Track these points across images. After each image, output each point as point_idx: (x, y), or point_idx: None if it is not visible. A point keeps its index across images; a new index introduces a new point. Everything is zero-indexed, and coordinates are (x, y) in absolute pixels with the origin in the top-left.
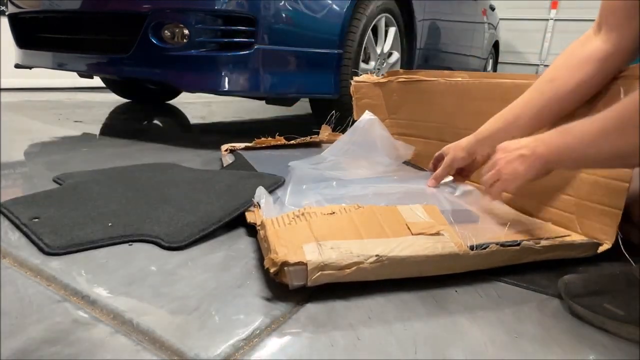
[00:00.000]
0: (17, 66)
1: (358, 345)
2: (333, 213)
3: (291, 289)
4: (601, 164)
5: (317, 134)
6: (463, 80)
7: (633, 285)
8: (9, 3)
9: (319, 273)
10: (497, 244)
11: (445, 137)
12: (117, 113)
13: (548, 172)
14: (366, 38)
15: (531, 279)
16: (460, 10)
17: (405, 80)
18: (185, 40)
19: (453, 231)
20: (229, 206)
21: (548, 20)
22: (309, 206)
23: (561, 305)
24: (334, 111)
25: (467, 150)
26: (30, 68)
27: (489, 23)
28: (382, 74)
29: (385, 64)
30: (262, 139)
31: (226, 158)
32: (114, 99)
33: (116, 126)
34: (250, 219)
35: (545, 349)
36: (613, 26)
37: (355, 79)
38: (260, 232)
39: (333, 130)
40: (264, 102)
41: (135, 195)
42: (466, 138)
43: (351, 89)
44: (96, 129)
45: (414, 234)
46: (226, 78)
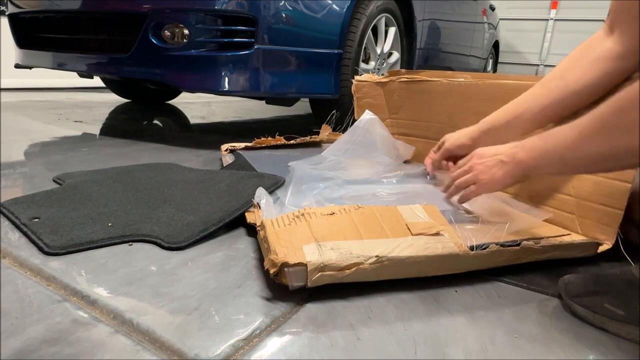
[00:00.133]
0: (17, 66)
1: (358, 345)
2: (333, 213)
3: (291, 290)
4: (580, 169)
5: (317, 134)
6: (465, 80)
7: (633, 285)
8: (9, 3)
9: (319, 274)
10: (497, 244)
11: None
12: (117, 113)
13: (526, 178)
14: (366, 38)
15: (531, 279)
16: (460, 10)
17: (406, 80)
18: (185, 40)
19: (453, 231)
20: (229, 206)
21: (548, 20)
22: (309, 206)
23: (561, 305)
24: (334, 111)
25: (470, 137)
26: (30, 68)
27: (489, 23)
28: (382, 74)
29: (385, 64)
30: (262, 139)
31: (226, 158)
32: (114, 99)
33: (116, 126)
34: (250, 220)
35: (545, 349)
36: (625, 28)
37: (356, 78)
38: (260, 233)
39: (333, 130)
40: (264, 102)
41: (135, 195)
42: (469, 128)
43: (352, 88)
44: (96, 129)
45: (414, 234)
46: (226, 78)
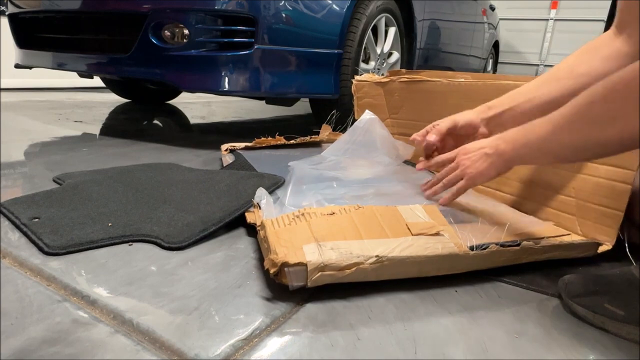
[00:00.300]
0: (17, 66)
1: (358, 345)
2: (333, 213)
3: (291, 290)
4: (558, 158)
5: (317, 134)
6: (465, 81)
7: (633, 285)
8: (9, 3)
9: (319, 274)
10: (497, 244)
11: None
12: (117, 113)
13: (509, 168)
14: (366, 38)
15: (531, 279)
16: (460, 10)
17: (407, 80)
18: (185, 40)
19: (453, 231)
20: (229, 206)
21: (548, 20)
22: (309, 206)
23: (561, 305)
24: (334, 111)
25: (478, 116)
26: (30, 68)
27: (489, 23)
28: (383, 74)
29: (385, 64)
30: (262, 139)
31: (226, 158)
32: (114, 99)
33: (116, 126)
34: (250, 220)
35: (545, 349)
36: (633, 29)
37: (356, 78)
38: (260, 233)
39: (333, 130)
40: (264, 102)
41: (135, 195)
42: (474, 109)
43: (352, 88)
44: (96, 129)
45: (414, 235)
46: (226, 78)
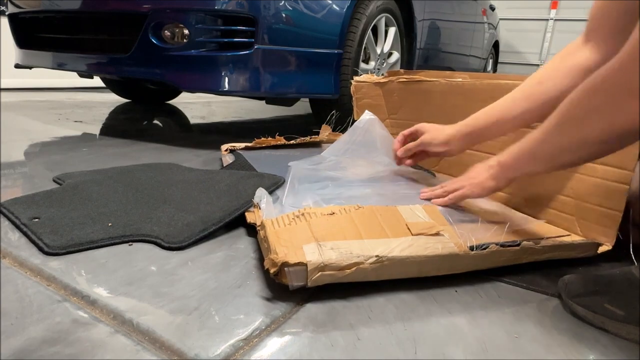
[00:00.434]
0: (17, 66)
1: (358, 345)
2: (333, 213)
3: (291, 290)
4: (551, 165)
5: (317, 134)
6: (464, 81)
7: (633, 285)
8: (9, 3)
9: (319, 273)
10: (497, 244)
11: None
12: (117, 113)
13: (508, 180)
14: (366, 38)
15: (531, 279)
16: (460, 10)
17: (405, 80)
18: (185, 40)
19: (453, 231)
20: (229, 206)
21: (548, 20)
22: (309, 206)
23: (561, 305)
24: (334, 111)
25: (450, 135)
26: (30, 68)
27: (489, 23)
28: (382, 74)
29: (385, 64)
30: (262, 139)
31: (226, 158)
32: (114, 99)
33: (116, 126)
34: (250, 219)
35: (545, 349)
36: (601, 38)
37: (355, 79)
38: (260, 233)
39: (333, 130)
40: (264, 102)
41: (135, 195)
42: (448, 127)
43: (351, 89)
44: (96, 129)
45: (414, 235)
46: (226, 78)
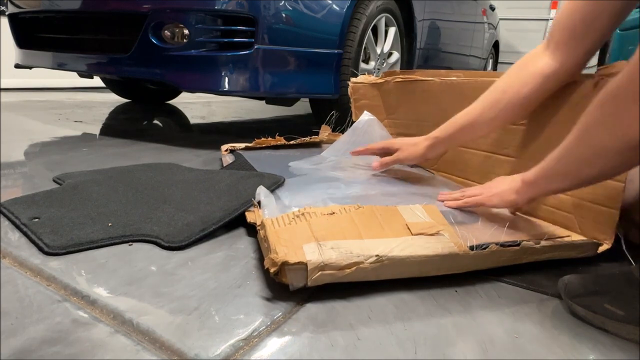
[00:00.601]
0: (17, 66)
1: (358, 345)
2: (333, 213)
3: (291, 289)
4: (571, 178)
5: (317, 134)
6: (458, 79)
7: (633, 285)
8: (9, 3)
9: (319, 273)
10: (497, 244)
11: None
12: (117, 113)
13: (529, 198)
14: (366, 38)
15: (531, 279)
16: (460, 10)
17: (401, 80)
18: (185, 40)
19: (453, 231)
20: (229, 206)
21: (548, 20)
22: (309, 206)
23: (561, 305)
24: (334, 111)
25: (424, 155)
26: (30, 68)
27: (489, 23)
28: (381, 75)
29: (385, 64)
30: (262, 139)
31: (226, 158)
32: (114, 99)
33: (116, 126)
34: (250, 219)
35: (545, 349)
36: (560, 45)
37: (352, 80)
38: (260, 232)
39: (333, 130)
40: (264, 102)
41: (135, 195)
42: (420, 138)
43: (349, 90)
44: (96, 129)
45: (414, 234)
46: (226, 78)
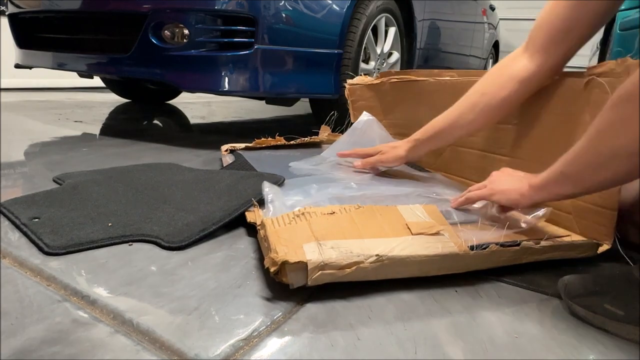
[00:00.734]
0: (17, 66)
1: (358, 345)
2: (333, 213)
3: (291, 289)
4: (580, 182)
5: (317, 134)
6: (452, 78)
7: (633, 285)
8: (9, 3)
9: (319, 272)
10: (497, 244)
11: None
12: (117, 113)
13: (533, 201)
14: (366, 38)
15: (531, 279)
16: (460, 10)
17: (396, 81)
18: (185, 40)
19: (453, 231)
20: (229, 206)
21: None
22: (309, 206)
23: (561, 305)
24: (334, 111)
25: (406, 157)
26: (30, 68)
27: (489, 23)
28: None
29: (385, 64)
30: (262, 139)
31: (226, 158)
32: (114, 99)
33: (116, 126)
34: (250, 219)
35: (545, 349)
36: (538, 48)
37: (349, 82)
38: (260, 232)
39: (333, 130)
40: (264, 102)
41: (135, 195)
42: (403, 145)
43: (346, 92)
44: (96, 129)
45: (414, 234)
46: (226, 78)
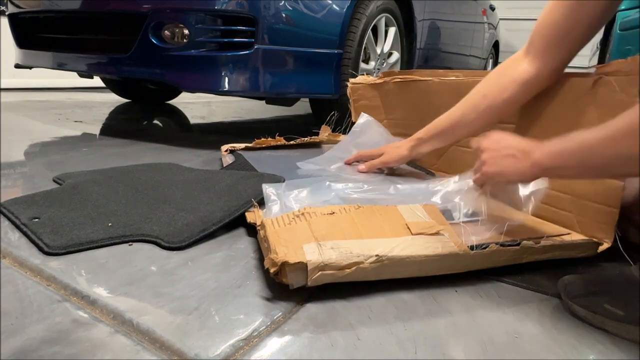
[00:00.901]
0: (17, 66)
1: (358, 345)
2: (333, 213)
3: (291, 289)
4: (595, 172)
5: (317, 134)
6: (457, 79)
7: (633, 285)
8: (9, 3)
9: (319, 273)
10: (497, 244)
11: None
12: (117, 113)
13: (534, 177)
14: (366, 38)
15: (531, 279)
16: (460, 10)
17: (400, 80)
18: (185, 40)
19: (453, 231)
20: (230, 206)
21: None
22: (309, 206)
23: (561, 305)
24: (334, 111)
25: (409, 156)
26: (30, 68)
27: (489, 23)
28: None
29: (385, 64)
30: (262, 139)
31: (226, 158)
32: (114, 99)
33: (116, 126)
34: (250, 219)
35: (545, 349)
36: (538, 52)
37: (351, 81)
38: (260, 232)
39: (333, 130)
40: (264, 102)
41: (135, 195)
42: (404, 142)
43: (348, 91)
44: (96, 129)
45: (414, 234)
46: (226, 78)
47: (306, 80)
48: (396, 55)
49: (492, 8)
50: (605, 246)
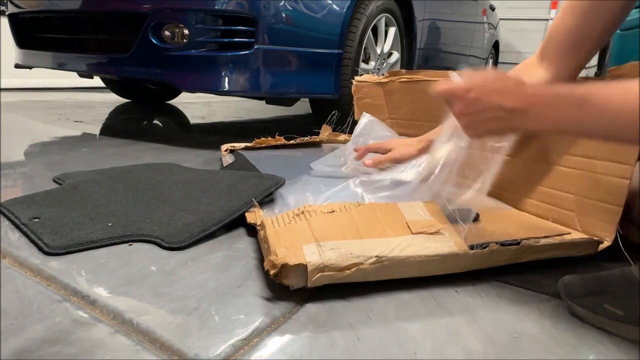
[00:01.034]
0: (17, 66)
1: (358, 345)
2: (333, 211)
3: (292, 290)
4: (599, 125)
5: (317, 134)
6: None
7: (633, 285)
8: (9, 3)
9: (319, 274)
10: (497, 243)
11: None
12: (117, 113)
13: (514, 130)
14: (366, 38)
15: (531, 279)
16: (460, 10)
17: (406, 80)
18: (185, 40)
19: (453, 230)
20: (230, 207)
21: (548, 20)
22: (308, 204)
23: (561, 305)
24: (334, 111)
25: (416, 149)
26: (30, 68)
27: (489, 23)
28: (382, 74)
29: (385, 64)
30: (262, 139)
31: (226, 158)
32: (114, 99)
33: (116, 126)
34: (250, 220)
35: (545, 349)
36: (552, 59)
37: (356, 79)
38: (260, 233)
39: (333, 130)
40: (264, 102)
41: (135, 195)
42: (416, 143)
43: (352, 89)
44: (96, 129)
45: (414, 233)
46: (226, 78)
47: (306, 80)
48: (396, 55)
49: (492, 8)
50: (605, 244)
